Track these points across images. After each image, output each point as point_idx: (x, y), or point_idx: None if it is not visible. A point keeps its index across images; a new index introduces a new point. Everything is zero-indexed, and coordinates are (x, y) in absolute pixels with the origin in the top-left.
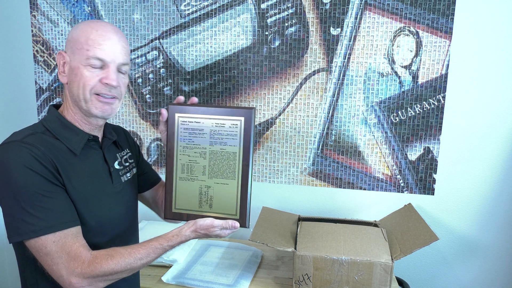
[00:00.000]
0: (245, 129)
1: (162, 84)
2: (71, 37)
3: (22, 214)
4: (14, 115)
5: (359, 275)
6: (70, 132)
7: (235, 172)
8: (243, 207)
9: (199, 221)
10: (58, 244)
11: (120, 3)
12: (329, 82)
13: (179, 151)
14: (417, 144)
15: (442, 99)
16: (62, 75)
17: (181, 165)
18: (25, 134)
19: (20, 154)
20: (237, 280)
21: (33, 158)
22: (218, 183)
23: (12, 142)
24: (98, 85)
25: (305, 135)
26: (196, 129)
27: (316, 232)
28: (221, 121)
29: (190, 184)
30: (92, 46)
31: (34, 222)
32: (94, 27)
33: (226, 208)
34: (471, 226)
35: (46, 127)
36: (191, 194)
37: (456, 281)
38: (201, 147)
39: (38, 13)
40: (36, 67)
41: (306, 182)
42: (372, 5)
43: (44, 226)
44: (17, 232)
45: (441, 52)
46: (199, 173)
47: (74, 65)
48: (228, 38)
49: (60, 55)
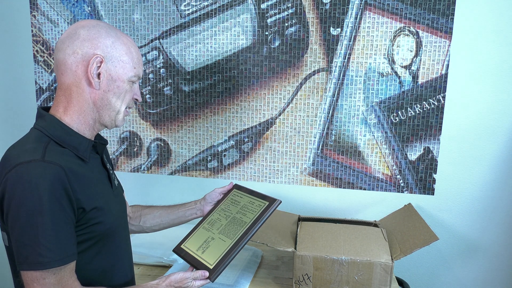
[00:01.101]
0: (263, 210)
1: (162, 84)
2: (111, 44)
3: (34, 243)
4: (14, 115)
5: (359, 275)
6: (74, 140)
7: (235, 235)
8: (220, 263)
9: (171, 275)
10: (57, 277)
11: (120, 3)
12: (329, 82)
13: (217, 211)
14: (417, 144)
15: (442, 99)
16: (95, 80)
17: (210, 219)
18: (41, 150)
19: (45, 177)
20: (237, 280)
21: (56, 182)
22: (220, 238)
23: (35, 162)
24: (131, 101)
25: (305, 135)
26: (236, 201)
27: (316, 232)
28: (253, 200)
29: (205, 233)
30: (138, 65)
31: (44, 253)
32: (133, 44)
33: (209, 257)
34: (471, 226)
35: (49, 135)
36: (200, 240)
37: (456, 281)
38: (230, 212)
39: (38, 13)
40: (36, 67)
41: (306, 182)
42: (372, 5)
43: (53, 259)
44: (26, 261)
45: (441, 52)
46: (216, 228)
47: (116, 76)
48: (228, 38)
49: (96, 58)
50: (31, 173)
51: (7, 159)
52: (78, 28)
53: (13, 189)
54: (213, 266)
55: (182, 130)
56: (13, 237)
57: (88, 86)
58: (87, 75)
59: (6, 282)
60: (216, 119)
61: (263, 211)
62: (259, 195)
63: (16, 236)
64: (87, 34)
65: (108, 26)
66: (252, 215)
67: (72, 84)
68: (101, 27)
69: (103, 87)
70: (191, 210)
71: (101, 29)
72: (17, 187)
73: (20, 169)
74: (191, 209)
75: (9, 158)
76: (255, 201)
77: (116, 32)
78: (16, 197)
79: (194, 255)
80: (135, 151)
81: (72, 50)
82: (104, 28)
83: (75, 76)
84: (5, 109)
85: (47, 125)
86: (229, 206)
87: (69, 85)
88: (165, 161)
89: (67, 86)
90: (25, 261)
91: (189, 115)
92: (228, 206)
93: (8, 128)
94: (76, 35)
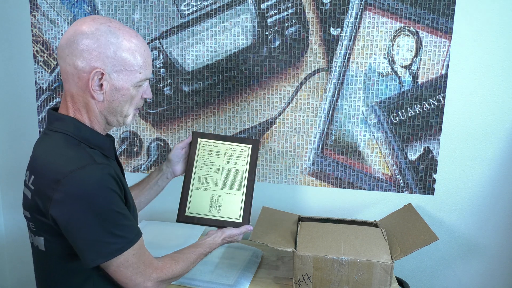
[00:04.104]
0: (252, 154)
1: (162, 84)
2: (112, 54)
3: (106, 236)
4: (14, 115)
5: (359, 275)
6: (99, 140)
7: (241, 185)
8: (246, 213)
9: (227, 231)
10: (136, 255)
11: (120, 3)
12: (329, 82)
13: (197, 166)
14: (417, 144)
15: (442, 99)
16: (98, 93)
17: (198, 177)
18: (85, 154)
19: (103, 177)
20: (237, 280)
21: (111, 178)
22: (227, 193)
23: (90, 165)
24: (140, 101)
25: (305, 135)
26: (213, 151)
27: (316, 232)
28: (233, 146)
29: (203, 193)
30: (144, 68)
31: (118, 241)
32: (138, 45)
33: (231, 213)
34: (471, 226)
35: (78, 138)
36: (204, 201)
37: (456, 281)
38: (216, 165)
39: (38, 13)
40: (36, 67)
41: (306, 182)
42: (372, 5)
43: (127, 242)
44: (101, 254)
45: (441, 52)
46: (212, 184)
47: (120, 85)
48: (228, 38)
49: (96, 73)
50: (91, 176)
51: (50, 168)
52: (77, 34)
53: (74, 196)
54: (241, 219)
55: (182, 130)
56: (81, 237)
57: (91, 98)
58: (88, 88)
59: (6, 282)
60: (216, 119)
61: (251, 154)
62: (234, 139)
63: (84, 236)
64: (86, 43)
65: (109, 30)
66: (244, 161)
67: (76, 94)
68: (101, 34)
69: (107, 97)
70: (162, 177)
71: (101, 36)
72: (78, 193)
73: (78, 175)
74: (161, 176)
75: (54, 167)
76: (237, 147)
77: (118, 36)
78: (80, 202)
79: (211, 217)
80: (135, 151)
81: (72, 61)
82: (104, 35)
83: (77, 87)
84: (5, 109)
85: (72, 128)
86: (209, 158)
87: (74, 93)
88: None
89: (72, 94)
90: (99, 255)
91: (189, 115)
92: (207, 159)
93: (8, 128)
94: (75, 43)
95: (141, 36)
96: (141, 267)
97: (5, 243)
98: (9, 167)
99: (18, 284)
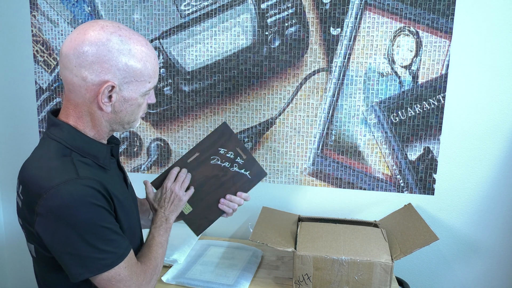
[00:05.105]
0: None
1: (162, 84)
2: (124, 66)
3: (91, 252)
4: (14, 115)
5: (359, 275)
6: (93, 148)
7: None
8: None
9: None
10: (128, 268)
11: (120, 3)
12: (329, 82)
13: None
14: (417, 144)
15: (442, 99)
16: (107, 105)
17: None
18: (70, 166)
19: (85, 192)
20: (237, 280)
21: (96, 192)
22: None
23: (72, 181)
24: (146, 107)
25: (305, 135)
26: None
27: (316, 232)
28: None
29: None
30: (153, 77)
31: (105, 256)
32: (148, 54)
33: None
34: (471, 226)
35: (70, 147)
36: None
37: (456, 281)
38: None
39: (38, 13)
40: (36, 67)
41: (306, 182)
42: (372, 5)
43: (116, 257)
44: (88, 269)
45: (441, 52)
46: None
47: (129, 95)
48: (228, 38)
49: (107, 86)
50: (72, 192)
51: (33, 181)
52: (85, 44)
53: (55, 212)
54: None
55: (182, 130)
56: (66, 253)
57: (98, 109)
58: (97, 100)
59: (6, 282)
60: (216, 119)
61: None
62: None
63: (68, 251)
64: (96, 54)
65: (120, 41)
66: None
67: (82, 103)
68: (112, 45)
69: (115, 108)
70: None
71: (112, 48)
72: (59, 209)
73: (58, 192)
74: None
75: (36, 180)
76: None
77: (129, 47)
78: (62, 218)
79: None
80: (135, 151)
81: (80, 73)
82: (115, 46)
83: (84, 99)
84: (5, 109)
85: (66, 136)
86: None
87: (79, 103)
88: (165, 161)
89: (76, 104)
90: (86, 270)
91: (189, 115)
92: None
93: (8, 128)
94: (84, 55)
95: (150, 43)
96: (133, 278)
97: (5, 244)
98: (9, 167)
99: (18, 284)
